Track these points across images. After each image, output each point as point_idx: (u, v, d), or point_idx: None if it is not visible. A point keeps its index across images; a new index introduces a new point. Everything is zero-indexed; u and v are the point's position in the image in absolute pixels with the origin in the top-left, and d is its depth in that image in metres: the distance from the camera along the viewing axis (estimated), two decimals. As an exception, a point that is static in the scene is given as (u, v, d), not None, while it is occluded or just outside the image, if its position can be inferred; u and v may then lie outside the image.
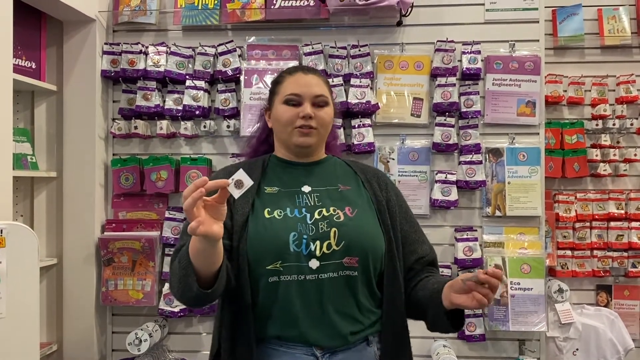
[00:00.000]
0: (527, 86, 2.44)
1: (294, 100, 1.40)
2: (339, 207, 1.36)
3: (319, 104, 1.40)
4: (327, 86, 1.47)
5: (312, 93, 1.40)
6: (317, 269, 1.29)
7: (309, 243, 1.30)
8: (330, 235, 1.31)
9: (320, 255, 1.30)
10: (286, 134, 1.41)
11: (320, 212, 1.34)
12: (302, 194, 1.39)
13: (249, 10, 2.47)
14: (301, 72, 1.45)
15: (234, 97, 2.47)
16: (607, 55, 2.76)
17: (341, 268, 1.31)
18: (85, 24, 2.46)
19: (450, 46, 2.42)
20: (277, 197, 1.38)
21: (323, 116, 1.40)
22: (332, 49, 2.45)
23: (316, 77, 1.44)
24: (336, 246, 1.30)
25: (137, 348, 2.26)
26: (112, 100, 2.57)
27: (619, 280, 2.70)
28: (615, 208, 2.67)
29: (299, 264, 1.29)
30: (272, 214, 1.33)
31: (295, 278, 1.29)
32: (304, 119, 1.37)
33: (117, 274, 2.43)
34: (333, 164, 1.49)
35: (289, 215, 1.33)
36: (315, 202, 1.37)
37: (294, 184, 1.41)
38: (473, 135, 2.42)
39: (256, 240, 1.30)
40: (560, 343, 2.54)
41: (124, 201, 2.52)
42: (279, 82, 1.46)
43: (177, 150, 2.54)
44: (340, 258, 1.30)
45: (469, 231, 2.40)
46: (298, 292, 1.29)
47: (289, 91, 1.41)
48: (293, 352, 1.30)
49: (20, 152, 2.31)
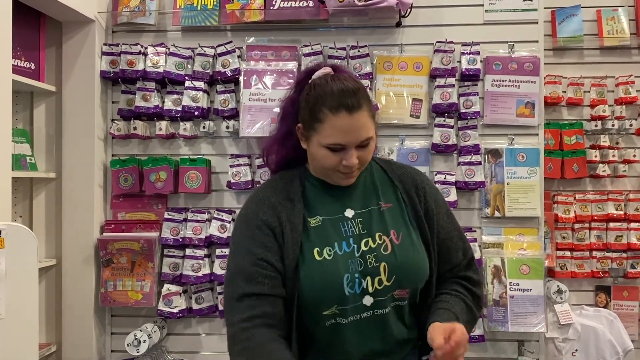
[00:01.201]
0: (526, 87, 2.44)
1: (338, 148, 1.25)
2: (384, 232, 1.29)
3: (363, 145, 1.26)
4: (369, 114, 1.27)
5: (359, 140, 1.24)
6: (372, 305, 1.26)
7: (360, 281, 1.25)
8: (380, 271, 1.26)
9: (373, 292, 1.26)
10: (325, 173, 1.32)
11: (367, 243, 1.28)
12: (347, 221, 1.31)
13: (248, 11, 2.47)
14: (346, 112, 1.22)
15: (233, 98, 2.47)
16: (606, 56, 2.76)
17: (392, 300, 1.28)
18: (84, 24, 2.45)
19: (450, 47, 2.42)
20: (323, 229, 1.29)
21: (367, 156, 1.29)
22: (332, 49, 2.45)
23: (363, 116, 1.24)
24: (387, 282, 1.26)
25: (136, 349, 2.26)
26: (111, 100, 2.57)
27: (618, 281, 2.70)
28: (615, 209, 2.67)
29: (355, 305, 1.25)
30: (322, 255, 1.25)
31: (352, 319, 1.26)
32: (347, 167, 1.26)
33: (116, 274, 2.43)
34: (370, 174, 1.40)
35: (339, 252, 1.26)
36: (360, 230, 1.30)
37: (336, 210, 1.32)
38: (472, 136, 2.42)
39: (310, 289, 1.24)
40: (559, 344, 2.54)
41: (123, 202, 2.52)
42: (320, 119, 1.24)
43: (176, 151, 2.54)
44: (391, 291, 1.27)
45: (468, 232, 2.40)
46: (354, 331, 1.26)
47: (332, 140, 1.23)
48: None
49: (19, 152, 2.31)
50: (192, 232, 2.42)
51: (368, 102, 1.27)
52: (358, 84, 1.28)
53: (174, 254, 2.43)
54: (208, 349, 2.48)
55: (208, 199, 2.51)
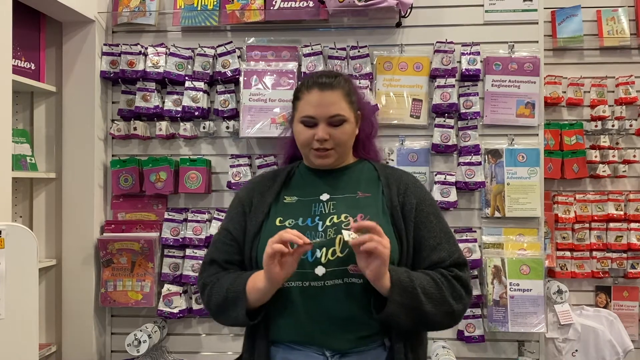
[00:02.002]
0: (526, 87, 2.44)
1: (309, 122, 1.39)
2: (352, 214, 1.35)
3: (334, 124, 1.39)
4: (346, 99, 1.41)
5: (327, 114, 1.38)
6: (323, 276, 1.29)
7: (315, 250, 1.30)
8: (335, 242, 1.30)
9: (326, 262, 1.29)
10: (305, 153, 1.44)
11: (332, 220, 1.34)
12: (319, 202, 1.39)
13: (249, 11, 2.47)
14: (318, 88, 1.39)
15: (233, 98, 2.47)
16: (606, 57, 2.76)
17: (346, 275, 1.30)
18: (84, 24, 2.46)
19: (450, 47, 2.42)
20: (294, 207, 1.40)
21: (339, 136, 1.39)
22: (332, 50, 2.45)
23: (334, 94, 1.39)
24: (340, 253, 1.30)
25: (136, 349, 2.26)
26: (112, 101, 2.57)
27: (618, 282, 2.70)
28: (615, 209, 2.67)
29: (305, 271, 1.30)
30: (283, 223, 1.35)
31: (300, 284, 1.30)
32: (319, 142, 1.37)
33: (116, 275, 2.43)
34: (360, 170, 1.48)
35: (300, 224, 1.35)
36: (330, 209, 1.37)
37: (314, 193, 1.42)
38: (472, 136, 2.42)
39: (264, 249, 1.29)
40: (559, 344, 2.54)
41: (123, 202, 2.52)
42: (298, 97, 1.43)
43: (177, 151, 2.54)
44: (344, 265, 1.30)
45: (468, 232, 2.40)
46: (304, 298, 1.30)
47: (304, 112, 1.39)
48: (305, 351, 1.32)
49: (19, 153, 2.31)
50: (193, 232, 2.42)
51: (346, 88, 1.42)
52: (343, 75, 1.45)
53: (174, 254, 2.44)
54: (208, 349, 2.48)
55: (208, 199, 2.51)
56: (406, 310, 1.25)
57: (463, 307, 1.34)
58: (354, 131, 1.46)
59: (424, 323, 1.30)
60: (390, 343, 1.33)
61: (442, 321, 1.32)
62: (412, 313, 1.26)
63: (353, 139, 1.47)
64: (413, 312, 1.26)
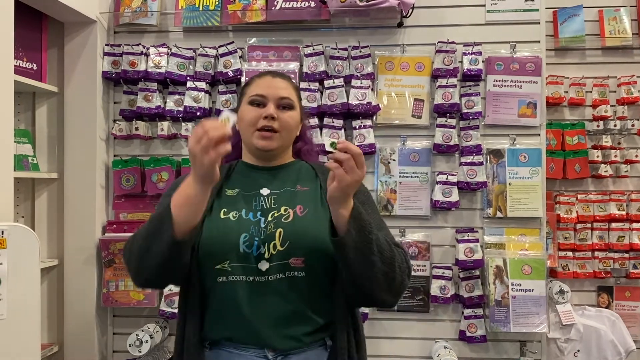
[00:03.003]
0: (528, 87, 2.44)
1: (258, 101, 1.40)
2: (291, 207, 1.34)
3: (283, 106, 1.41)
4: (295, 92, 1.47)
5: (277, 95, 1.41)
6: (267, 271, 1.29)
7: (259, 245, 1.29)
8: (275, 235, 1.30)
9: (269, 257, 1.29)
10: (248, 135, 1.41)
11: (273, 215, 1.33)
12: (260, 197, 1.38)
13: (250, 12, 2.47)
14: (270, 75, 1.46)
15: (235, 99, 2.47)
16: (608, 57, 2.76)
17: (288, 269, 1.29)
18: (86, 25, 2.46)
19: (451, 47, 2.42)
20: (236, 199, 1.38)
21: (286, 119, 1.40)
22: (333, 50, 2.45)
23: (284, 82, 1.45)
24: (281, 247, 1.29)
25: (138, 349, 2.26)
26: (113, 101, 2.57)
27: (620, 282, 2.70)
28: (617, 209, 2.67)
29: (249, 265, 1.29)
30: (227, 215, 1.34)
31: (244, 279, 1.29)
32: (266, 120, 1.37)
33: (118, 275, 2.43)
34: (298, 168, 1.48)
35: (244, 217, 1.33)
36: (272, 204, 1.36)
37: (253, 187, 1.41)
38: (474, 136, 2.42)
39: (208, 239, 1.30)
40: (561, 344, 2.54)
41: (125, 202, 2.52)
42: (248, 84, 1.47)
43: (178, 151, 2.54)
44: (286, 259, 1.29)
45: (470, 232, 2.40)
46: (247, 293, 1.28)
47: (255, 92, 1.42)
48: (245, 354, 1.29)
49: (21, 153, 2.31)
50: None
51: (296, 86, 1.49)
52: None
53: (175, 255, 2.43)
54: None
55: (210, 200, 2.51)
56: (355, 248, 1.21)
57: (401, 282, 1.29)
58: (299, 124, 1.48)
59: (366, 274, 1.24)
60: (333, 342, 1.33)
61: (382, 284, 1.26)
62: (360, 254, 1.21)
63: (297, 131, 1.47)
64: (362, 255, 1.22)
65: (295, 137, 1.50)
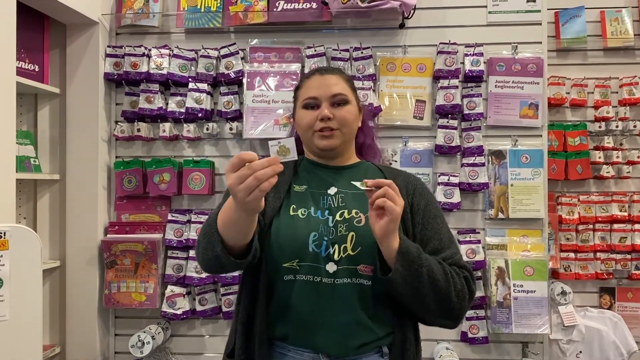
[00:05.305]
0: (529, 88, 2.44)
1: (312, 104, 1.38)
2: (362, 210, 1.31)
3: (337, 103, 1.38)
4: (348, 84, 1.43)
5: (329, 93, 1.37)
6: (334, 273, 1.26)
7: (328, 245, 1.27)
8: (347, 239, 1.28)
9: (338, 259, 1.27)
10: (309, 138, 1.40)
11: (342, 214, 1.31)
12: (328, 196, 1.36)
13: (252, 13, 2.47)
14: (318, 73, 1.42)
15: (237, 100, 2.47)
16: (609, 57, 2.76)
17: (355, 275, 1.27)
18: (88, 26, 2.46)
19: (453, 48, 2.42)
20: (304, 195, 1.36)
21: (344, 115, 1.37)
22: (335, 51, 2.45)
23: (334, 77, 1.41)
24: (352, 251, 1.27)
25: (140, 350, 2.26)
26: (115, 102, 2.57)
27: (622, 283, 2.70)
28: (619, 210, 2.67)
29: (317, 265, 1.27)
30: (296, 212, 1.32)
31: (311, 279, 1.26)
32: (322, 121, 1.35)
33: (119, 276, 2.43)
34: (365, 169, 1.46)
35: (312, 215, 1.31)
36: (339, 203, 1.34)
37: (321, 186, 1.38)
38: (476, 137, 2.41)
39: (277, 237, 1.29)
40: (563, 345, 2.54)
41: (127, 204, 2.52)
42: (299, 87, 1.45)
43: (180, 152, 2.54)
44: (355, 264, 1.27)
45: (472, 233, 2.40)
46: (312, 293, 1.26)
47: (306, 95, 1.39)
48: (299, 358, 1.28)
49: (23, 154, 2.32)
50: (196, 233, 2.42)
51: (346, 76, 1.46)
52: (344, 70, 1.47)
53: (177, 256, 2.44)
54: (212, 351, 2.48)
55: (212, 201, 2.51)
56: (405, 284, 1.20)
57: (460, 308, 1.28)
58: (358, 116, 1.44)
59: (418, 305, 1.25)
60: (389, 350, 1.30)
61: (437, 312, 1.26)
62: (410, 288, 1.21)
63: (357, 124, 1.44)
64: (412, 288, 1.21)
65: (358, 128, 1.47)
